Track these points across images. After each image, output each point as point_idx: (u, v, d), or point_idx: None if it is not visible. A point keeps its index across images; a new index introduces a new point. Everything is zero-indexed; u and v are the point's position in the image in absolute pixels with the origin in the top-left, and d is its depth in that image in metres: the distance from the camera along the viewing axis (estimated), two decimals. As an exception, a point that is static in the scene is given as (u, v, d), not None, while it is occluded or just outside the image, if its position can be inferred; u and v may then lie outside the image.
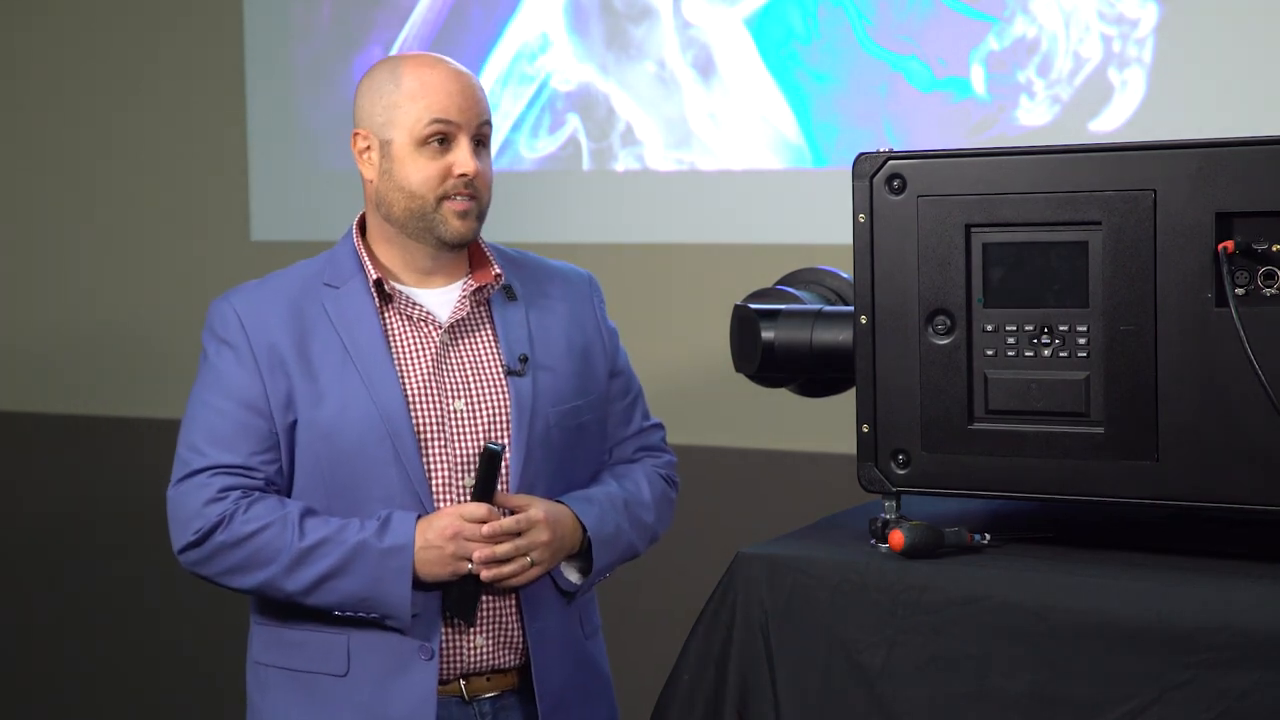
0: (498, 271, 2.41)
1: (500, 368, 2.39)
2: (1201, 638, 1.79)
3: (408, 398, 2.33)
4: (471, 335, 2.41)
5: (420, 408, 2.34)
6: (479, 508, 2.29)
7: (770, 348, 2.26)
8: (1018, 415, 1.99)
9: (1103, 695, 1.83)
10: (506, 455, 2.34)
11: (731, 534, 2.53)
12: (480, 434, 2.36)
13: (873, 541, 2.06)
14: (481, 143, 2.38)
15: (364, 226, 2.44)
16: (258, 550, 2.28)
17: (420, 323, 2.38)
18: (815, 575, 2.00)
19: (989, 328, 2.00)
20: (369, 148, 2.38)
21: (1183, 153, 1.90)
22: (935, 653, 1.92)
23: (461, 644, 2.36)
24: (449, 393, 2.36)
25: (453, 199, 2.35)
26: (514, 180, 3.98)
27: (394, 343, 2.37)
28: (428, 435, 2.34)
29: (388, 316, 2.38)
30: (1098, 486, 1.95)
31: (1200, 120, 3.39)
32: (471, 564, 2.28)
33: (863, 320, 2.06)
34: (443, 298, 2.41)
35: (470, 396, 2.37)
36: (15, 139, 4.69)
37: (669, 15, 3.89)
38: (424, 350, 2.37)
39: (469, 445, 2.35)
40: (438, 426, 2.34)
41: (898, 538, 1.99)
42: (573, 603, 2.44)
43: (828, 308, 2.29)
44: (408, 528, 2.28)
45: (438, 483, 2.34)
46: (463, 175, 2.34)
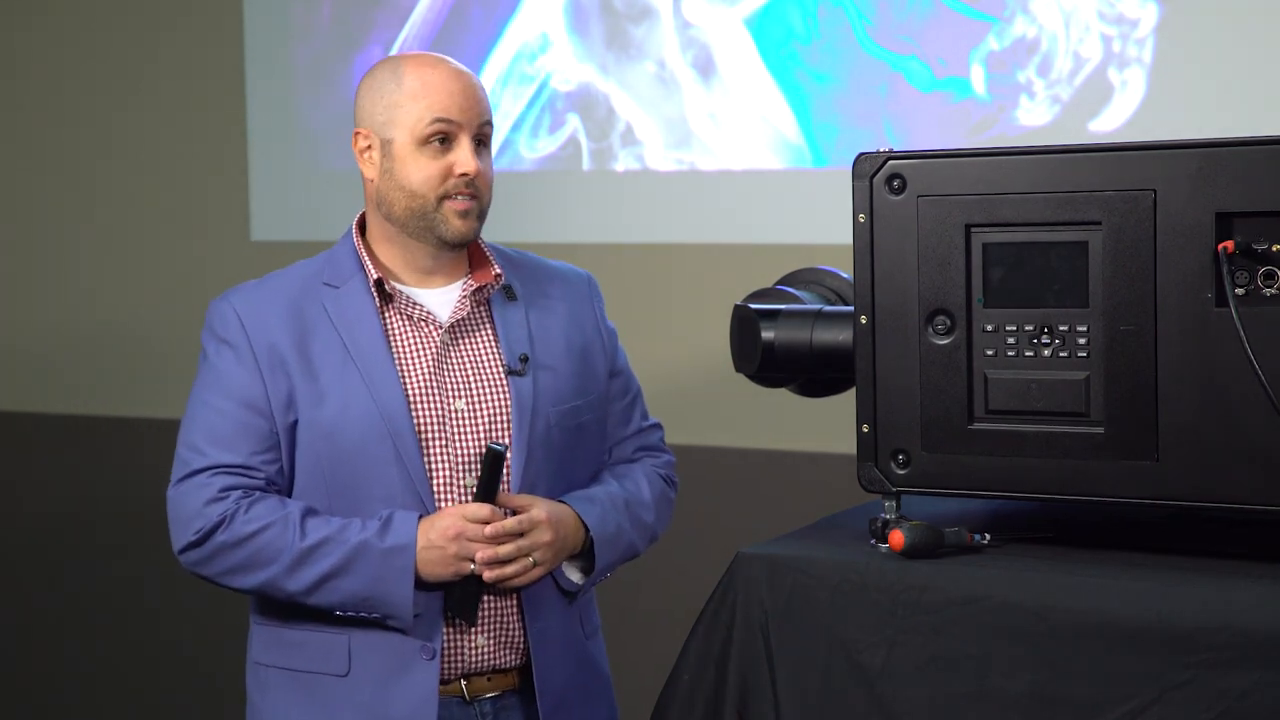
0: (498, 271, 2.41)
1: (501, 367, 2.39)
2: (1201, 638, 1.79)
3: (409, 397, 2.33)
4: (472, 335, 2.40)
5: (421, 407, 2.34)
6: (481, 508, 2.29)
7: (770, 348, 2.26)
8: (1018, 415, 1.99)
9: (1103, 695, 1.83)
10: (508, 455, 2.34)
11: (731, 534, 2.53)
12: (481, 433, 2.36)
13: (873, 541, 2.06)
14: (482, 142, 2.38)
15: (364, 226, 2.44)
16: (259, 550, 2.28)
17: (421, 322, 2.38)
18: (815, 575, 2.00)
19: (989, 328, 2.00)
20: (370, 147, 2.38)
21: (1183, 153, 1.90)
22: (935, 653, 1.92)
23: (463, 644, 2.35)
24: (449, 392, 2.36)
25: (454, 198, 2.35)
26: (514, 180, 3.98)
27: (394, 342, 2.37)
28: (429, 435, 2.34)
29: (388, 316, 2.38)
30: (1098, 486, 1.95)
31: (1200, 120, 3.39)
32: (474, 565, 2.28)
33: (863, 320, 2.06)
34: (443, 297, 2.41)
35: (471, 396, 2.37)
36: (15, 139, 4.69)
37: (669, 15, 3.89)
38: (424, 350, 2.37)
39: (470, 445, 2.35)
40: (438, 426, 2.34)
41: (898, 538, 1.99)
42: (574, 603, 2.44)
43: (828, 308, 2.29)
44: (410, 527, 2.28)
45: (438, 482, 2.34)
46: (464, 175, 2.34)
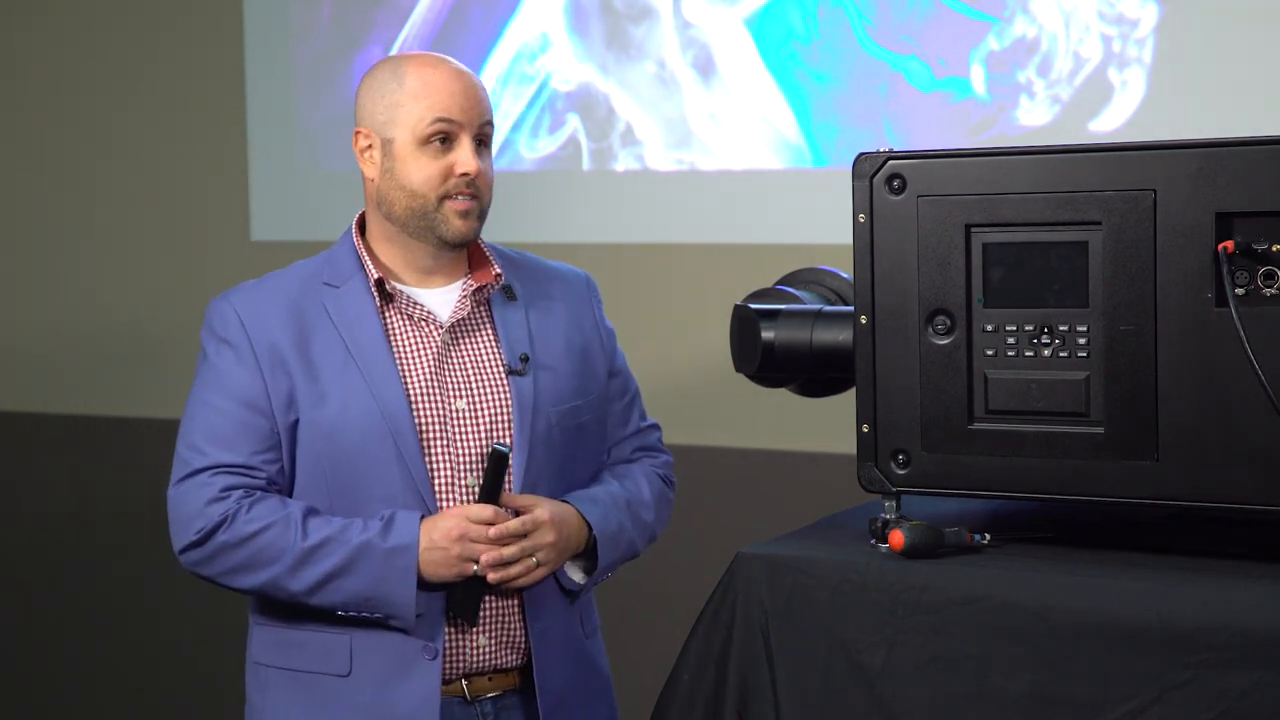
0: (498, 271, 2.41)
1: (501, 367, 2.39)
2: (1201, 638, 1.79)
3: (410, 397, 2.33)
4: (472, 335, 2.40)
5: (422, 407, 2.34)
6: (485, 509, 2.29)
7: (770, 348, 2.26)
8: (1018, 415, 1.99)
9: (1103, 695, 1.83)
10: (510, 456, 2.34)
11: (731, 534, 2.53)
12: (482, 433, 2.36)
13: (873, 541, 2.06)
14: (483, 142, 2.38)
15: (363, 226, 2.44)
16: (261, 550, 2.28)
17: (421, 322, 2.38)
18: (815, 575, 2.00)
19: (989, 328, 2.00)
20: (370, 146, 2.38)
21: (1183, 153, 1.90)
22: (935, 653, 1.92)
23: (464, 644, 2.35)
24: (451, 392, 2.36)
25: (454, 198, 2.35)
26: (514, 180, 3.98)
27: (395, 342, 2.37)
28: (430, 435, 2.34)
29: (388, 316, 2.38)
30: (1098, 486, 1.95)
31: (1200, 120, 3.39)
32: (477, 566, 2.28)
33: (863, 320, 2.06)
34: (443, 297, 2.41)
35: (472, 396, 2.37)
36: (15, 139, 4.69)
37: (669, 15, 3.89)
38: (425, 350, 2.37)
39: (471, 445, 2.35)
40: (440, 426, 2.34)
41: (898, 538, 1.99)
42: (575, 602, 2.44)
43: (828, 308, 2.29)
44: (412, 528, 2.28)
45: (440, 482, 2.34)
46: (465, 174, 2.34)
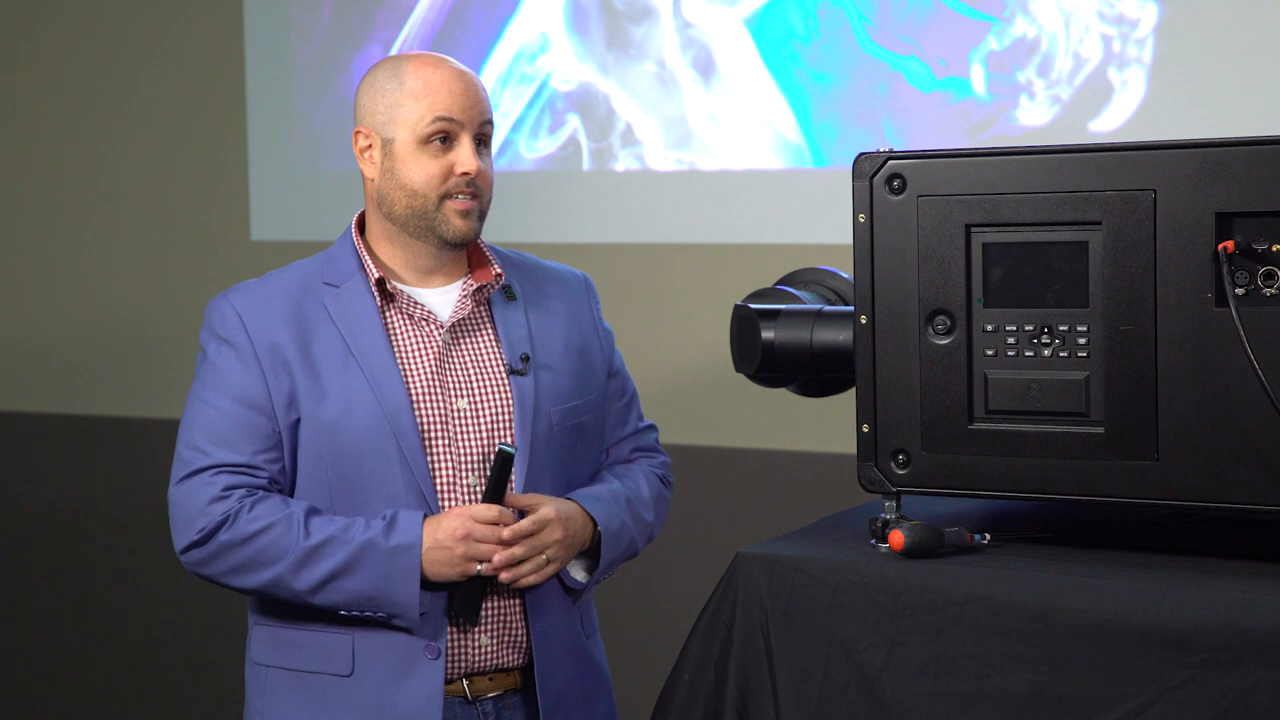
0: (498, 271, 2.41)
1: (502, 367, 2.39)
2: (1201, 638, 1.79)
3: (412, 396, 2.33)
4: (473, 335, 2.40)
5: (424, 406, 2.34)
6: (489, 509, 2.28)
7: (770, 348, 2.26)
8: (1018, 415, 1.99)
9: (1103, 695, 1.83)
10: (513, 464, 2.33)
11: (731, 534, 2.53)
12: (484, 433, 2.36)
13: (873, 541, 2.06)
14: (483, 142, 2.38)
15: (363, 226, 2.44)
16: (263, 549, 2.27)
17: (422, 322, 2.38)
18: (815, 575, 2.00)
19: (989, 328, 2.00)
20: (370, 146, 2.38)
21: (1183, 153, 1.90)
22: (935, 653, 1.92)
23: (467, 643, 2.35)
24: (452, 392, 2.36)
25: (455, 198, 2.34)
26: (514, 180, 3.98)
27: (396, 342, 2.36)
28: (432, 434, 2.33)
29: (389, 315, 2.38)
30: (1098, 486, 1.95)
31: (1200, 120, 3.39)
32: (480, 567, 2.28)
33: (863, 320, 2.06)
34: (443, 297, 2.41)
35: (473, 395, 2.37)
36: (15, 139, 4.69)
37: (669, 15, 3.89)
38: (427, 349, 2.37)
39: (472, 444, 2.35)
40: (441, 425, 2.34)
41: (898, 538, 1.99)
42: (577, 602, 2.44)
43: (828, 308, 2.29)
44: (415, 527, 2.27)
45: (442, 482, 2.34)
46: (465, 174, 2.34)
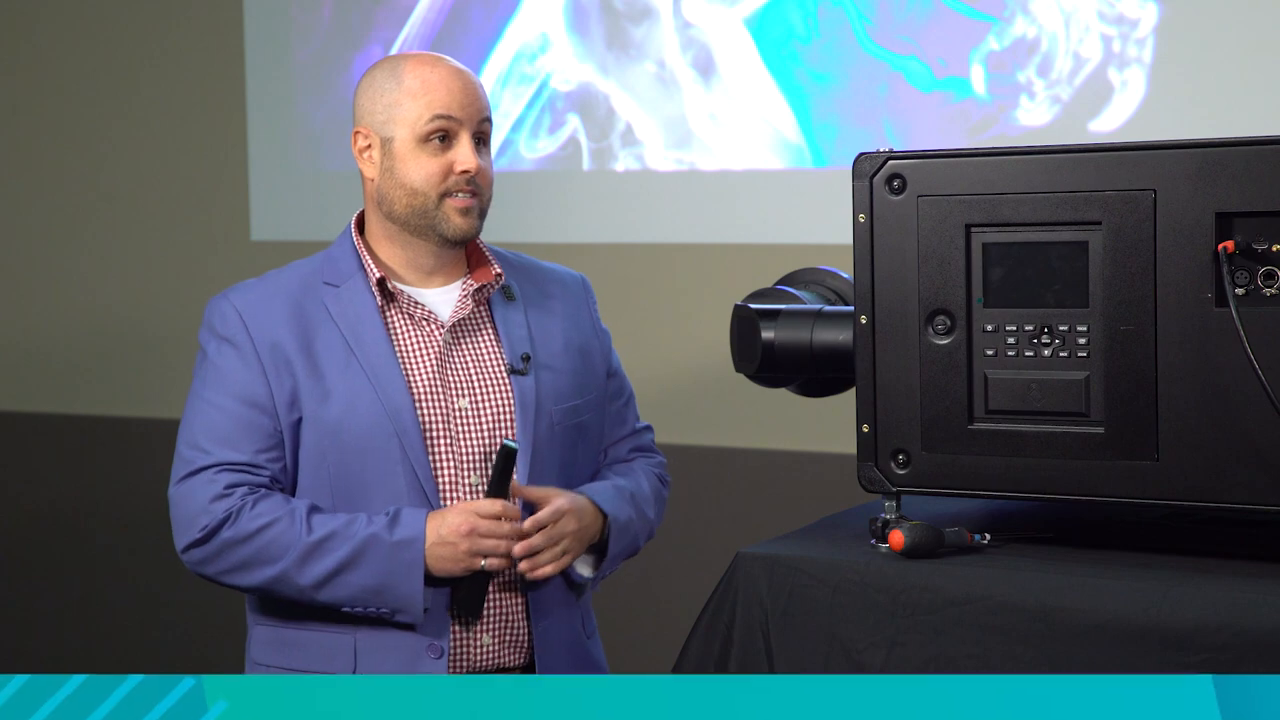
0: (498, 271, 2.41)
1: (503, 366, 2.39)
2: (1201, 638, 1.79)
3: (414, 396, 2.33)
4: (473, 334, 2.40)
5: (426, 406, 2.34)
6: (493, 504, 2.28)
7: (770, 348, 2.26)
8: (1018, 415, 1.99)
9: (1103, 695, 1.83)
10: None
11: (731, 534, 2.53)
12: (485, 432, 2.36)
13: (873, 541, 2.06)
14: (482, 140, 2.38)
15: (361, 226, 2.44)
16: (266, 546, 2.27)
17: (423, 322, 2.38)
18: (815, 575, 2.00)
19: (989, 328, 2.00)
20: (370, 146, 2.38)
21: (1183, 153, 1.90)
22: (935, 653, 1.92)
23: (469, 643, 2.35)
24: (454, 391, 2.36)
25: (454, 196, 2.35)
26: (514, 180, 3.98)
27: (397, 341, 2.36)
28: (434, 433, 2.33)
29: (390, 315, 2.38)
30: (1098, 486, 1.95)
31: (1200, 120, 3.39)
32: (485, 562, 2.28)
33: (863, 320, 2.06)
34: (443, 297, 2.41)
35: (475, 395, 2.37)
36: (15, 139, 4.69)
37: (669, 15, 3.89)
38: (428, 349, 2.37)
39: (474, 443, 2.35)
40: (443, 425, 2.34)
41: (898, 538, 1.99)
42: (579, 600, 2.44)
43: (828, 308, 2.29)
44: (418, 522, 2.27)
45: (443, 481, 2.34)
46: (465, 172, 2.34)
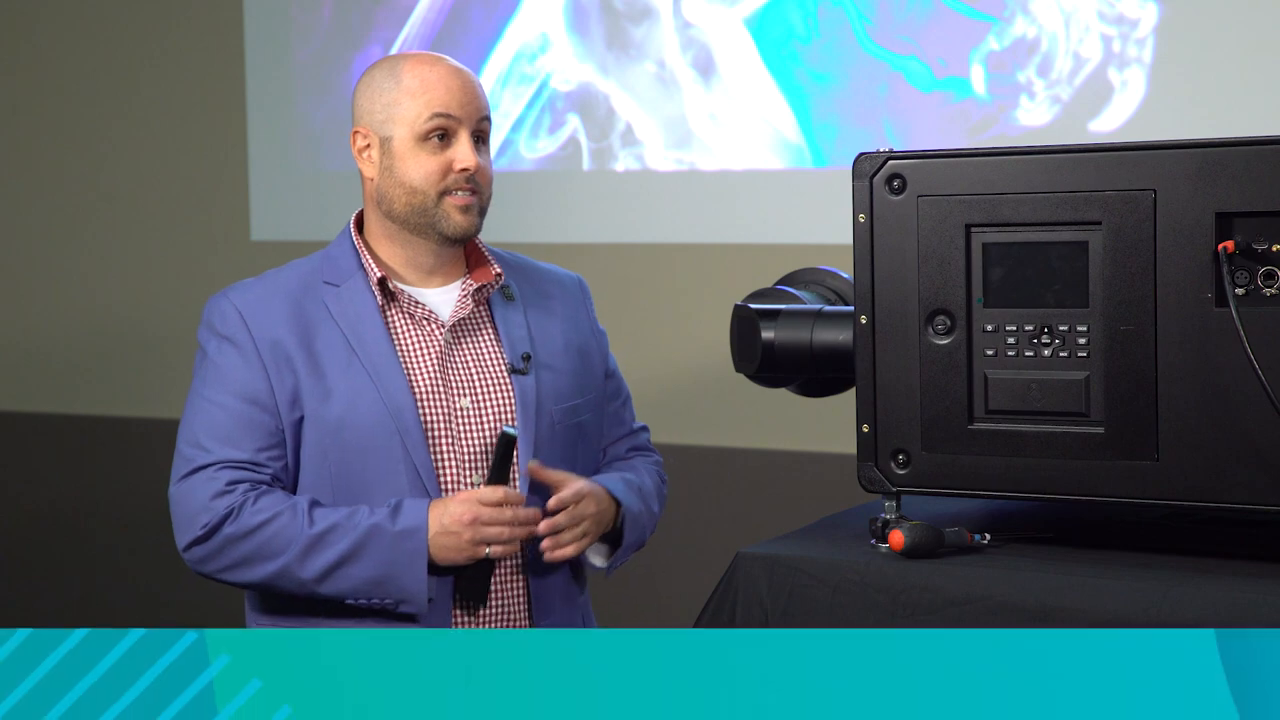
0: (498, 271, 2.41)
1: (504, 366, 2.39)
2: (1201, 638, 1.79)
3: (415, 395, 2.33)
4: (474, 334, 2.41)
5: (428, 405, 2.34)
6: (495, 491, 2.28)
7: (770, 348, 2.26)
8: (1018, 415, 1.99)
9: (1103, 695, 1.83)
10: (517, 447, 2.33)
11: (731, 534, 2.53)
12: (487, 431, 2.36)
13: (873, 541, 2.06)
14: (481, 139, 2.38)
15: (361, 226, 2.44)
16: (268, 540, 2.27)
17: (423, 321, 2.38)
18: (815, 575, 2.00)
19: (989, 328, 2.00)
20: (369, 145, 2.38)
21: (1183, 153, 1.90)
22: (935, 652, 1.92)
23: (470, 639, 2.35)
24: (455, 390, 2.36)
25: (454, 194, 2.35)
26: (514, 180, 3.98)
27: (398, 341, 2.36)
28: (435, 432, 2.34)
29: (390, 315, 2.38)
30: (1098, 486, 1.95)
31: (1200, 120, 3.39)
32: (490, 549, 2.28)
33: (863, 320, 2.06)
34: (443, 297, 2.41)
35: (476, 394, 2.37)
36: (15, 139, 4.69)
37: (669, 15, 3.89)
38: (429, 348, 2.37)
39: (475, 442, 2.35)
40: (445, 424, 2.34)
41: (898, 538, 1.99)
42: (580, 598, 2.44)
43: (828, 308, 2.29)
44: (421, 511, 2.27)
45: (445, 480, 2.34)
46: (464, 170, 2.34)
